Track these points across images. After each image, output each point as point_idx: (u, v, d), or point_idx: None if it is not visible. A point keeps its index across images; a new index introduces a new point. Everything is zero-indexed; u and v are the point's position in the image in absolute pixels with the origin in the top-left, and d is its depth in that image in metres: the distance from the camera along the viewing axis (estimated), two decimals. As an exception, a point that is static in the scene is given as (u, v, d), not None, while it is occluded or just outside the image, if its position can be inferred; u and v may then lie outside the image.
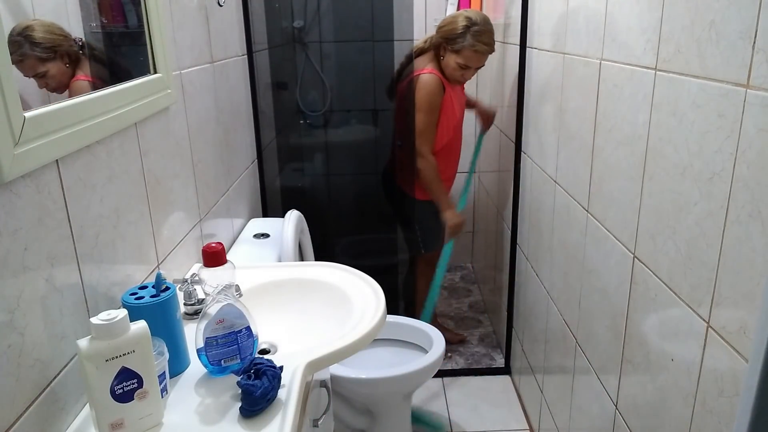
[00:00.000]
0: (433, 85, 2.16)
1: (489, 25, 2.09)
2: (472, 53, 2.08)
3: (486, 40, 2.08)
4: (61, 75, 0.88)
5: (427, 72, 2.17)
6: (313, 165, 2.99)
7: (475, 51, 2.08)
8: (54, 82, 0.85)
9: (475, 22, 2.05)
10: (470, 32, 2.05)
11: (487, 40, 2.09)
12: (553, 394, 1.81)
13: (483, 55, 2.11)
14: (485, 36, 2.07)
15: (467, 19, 2.06)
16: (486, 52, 2.11)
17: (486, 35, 2.08)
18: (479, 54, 2.10)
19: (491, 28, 2.09)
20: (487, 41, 2.09)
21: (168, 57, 1.25)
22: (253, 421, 0.88)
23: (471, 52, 2.08)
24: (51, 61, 0.85)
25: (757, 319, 0.75)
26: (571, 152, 1.57)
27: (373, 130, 2.95)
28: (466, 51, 2.07)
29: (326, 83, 2.84)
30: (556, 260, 1.75)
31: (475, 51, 2.07)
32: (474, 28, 2.06)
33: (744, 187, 0.81)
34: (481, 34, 2.06)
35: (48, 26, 0.86)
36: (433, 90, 2.16)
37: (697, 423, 0.95)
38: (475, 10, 2.19)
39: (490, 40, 2.09)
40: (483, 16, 2.09)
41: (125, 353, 0.81)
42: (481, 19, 2.07)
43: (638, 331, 1.17)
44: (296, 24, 2.76)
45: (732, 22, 0.83)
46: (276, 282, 1.36)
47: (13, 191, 0.75)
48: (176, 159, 1.34)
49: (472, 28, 2.05)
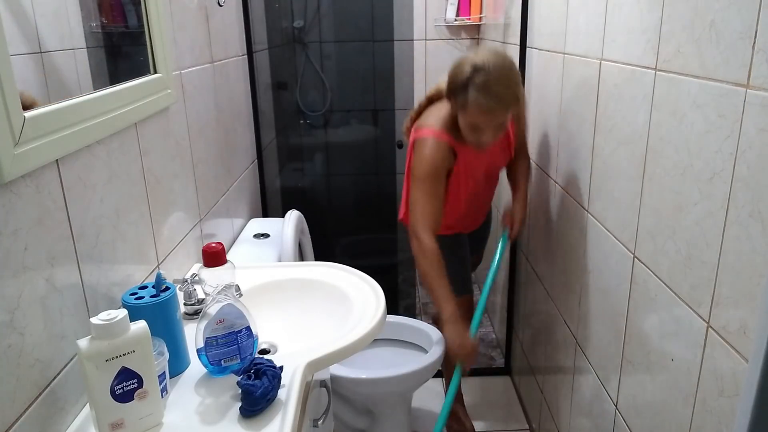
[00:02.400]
0: (433, 153, 1.60)
1: (504, 70, 1.48)
2: (478, 111, 1.48)
3: (496, 92, 1.46)
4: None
5: (432, 135, 1.61)
6: (313, 165, 2.99)
7: (482, 109, 1.48)
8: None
9: (481, 67, 1.46)
10: (474, 82, 1.46)
11: (499, 91, 1.46)
12: (553, 394, 1.81)
13: (494, 112, 1.49)
14: (495, 85, 1.46)
15: (472, 65, 1.47)
16: (496, 108, 1.48)
17: (497, 84, 1.46)
18: (487, 111, 1.48)
19: (509, 76, 1.48)
20: (499, 92, 1.46)
21: (168, 57, 1.25)
22: (253, 421, 0.88)
23: (477, 110, 1.48)
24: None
25: (757, 319, 0.75)
26: (571, 152, 1.57)
27: (373, 130, 2.96)
28: (471, 108, 1.49)
29: (326, 83, 2.84)
30: (556, 260, 1.75)
31: (481, 109, 1.48)
32: (479, 77, 1.45)
33: (744, 187, 0.81)
34: (488, 86, 1.45)
35: None
36: (432, 160, 1.60)
37: (697, 423, 0.95)
38: (492, 50, 1.53)
39: (502, 91, 1.47)
40: (497, 59, 1.48)
41: (125, 353, 0.81)
42: (492, 63, 1.46)
43: (638, 331, 1.17)
44: (296, 24, 2.76)
45: (732, 22, 0.83)
46: (276, 282, 1.36)
47: (13, 191, 0.75)
48: (176, 159, 1.34)
49: (476, 76, 1.46)
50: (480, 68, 1.46)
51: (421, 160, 1.61)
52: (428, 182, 1.61)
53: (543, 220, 1.88)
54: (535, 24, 1.93)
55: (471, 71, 1.47)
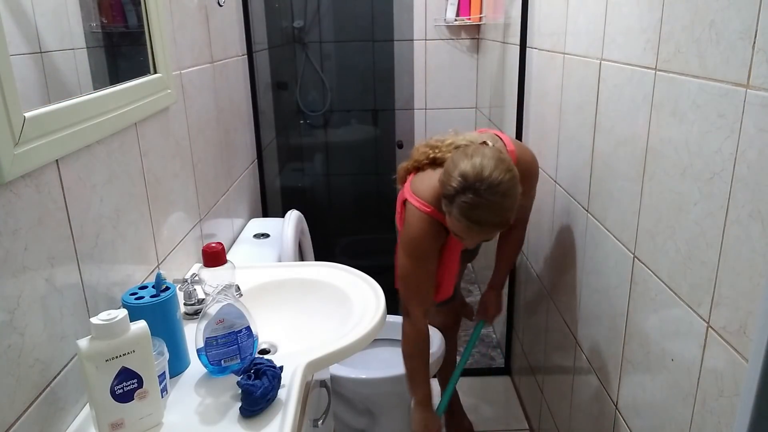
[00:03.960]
0: (425, 230, 1.42)
1: (497, 196, 1.25)
2: (460, 227, 1.32)
3: (480, 217, 1.27)
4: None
5: (423, 209, 1.41)
6: (313, 165, 2.99)
7: (463, 227, 1.31)
8: None
9: (470, 185, 1.24)
10: (457, 202, 1.27)
11: (483, 217, 1.28)
12: (553, 394, 1.81)
13: (477, 234, 1.34)
14: (481, 211, 1.26)
15: (461, 178, 1.25)
16: (479, 234, 1.33)
17: (483, 210, 1.26)
18: (470, 232, 1.32)
19: (498, 200, 1.26)
20: (483, 218, 1.28)
21: (168, 57, 1.25)
22: (253, 421, 0.88)
23: (458, 226, 1.32)
24: None
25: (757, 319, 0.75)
26: (571, 152, 1.57)
27: (373, 130, 2.96)
28: (452, 220, 1.32)
29: (326, 83, 2.84)
30: (556, 260, 1.75)
31: (462, 227, 1.31)
32: (463, 198, 1.25)
33: (744, 187, 0.81)
34: (472, 209, 1.26)
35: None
36: (424, 236, 1.43)
37: (697, 423, 0.95)
38: (493, 157, 1.27)
39: (488, 217, 1.28)
40: (495, 180, 1.25)
41: (125, 353, 0.81)
42: (484, 182, 1.24)
43: (638, 331, 1.17)
44: (296, 24, 2.76)
45: (732, 22, 0.83)
46: (276, 282, 1.36)
47: (13, 191, 0.75)
48: (176, 159, 1.34)
49: (461, 195, 1.26)
50: (470, 185, 1.25)
51: (412, 235, 1.45)
52: (421, 261, 1.47)
53: (543, 220, 1.88)
54: (535, 24, 1.93)
55: (459, 185, 1.26)
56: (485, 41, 2.83)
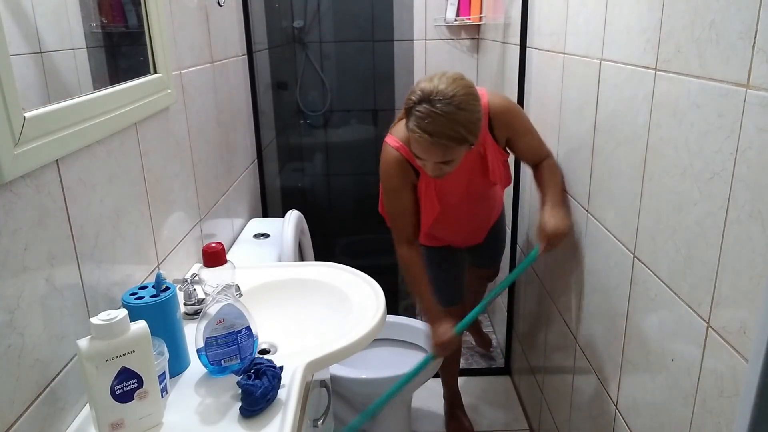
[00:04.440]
0: (390, 165, 1.53)
1: (450, 107, 1.30)
2: (414, 141, 1.37)
3: (431, 128, 1.31)
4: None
5: (392, 144, 1.53)
6: (313, 165, 2.99)
7: (416, 140, 1.36)
8: None
9: (427, 96, 1.31)
10: (414, 111, 1.33)
11: (434, 129, 1.31)
12: (553, 394, 1.82)
13: (432, 147, 1.35)
14: (432, 121, 1.30)
15: (420, 92, 1.33)
16: (432, 148, 1.35)
17: (434, 121, 1.30)
18: (421, 144, 1.36)
19: (453, 113, 1.31)
20: (433, 130, 1.31)
21: (168, 57, 1.25)
22: (253, 421, 0.88)
23: (413, 139, 1.37)
24: None
25: (757, 319, 0.75)
26: (571, 152, 1.57)
27: (373, 130, 2.95)
28: (410, 135, 1.37)
29: (326, 83, 2.84)
30: (556, 260, 1.75)
31: (416, 140, 1.36)
32: (420, 107, 1.32)
33: (744, 187, 0.81)
34: (426, 118, 1.31)
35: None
36: (390, 169, 1.53)
37: (697, 423, 0.95)
38: (454, 78, 1.35)
39: (439, 129, 1.31)
40: (452, 91, 1.32)
41: (125, 353, 0.81)
42: (442, 95, 1.31)
43: (638, 331, 1.17)
44: (296, 24, 2.76)
45: (732, 22, 0.83)
46: (276, 282, 1.36)
47: (13, 191, 0.75)
48: (176, 159, 1.34)
49: (418, 105, 1.32)
50: (426, 97, 1.32)
51: (383, 169, 1.56)
52: (392, 195, 1.58)
53: (543, 220, 1.88)
54: (535, 24, 1.93)
55: (418, 97, 1.33)
56: (485, 41, 2.83)
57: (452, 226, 1.74)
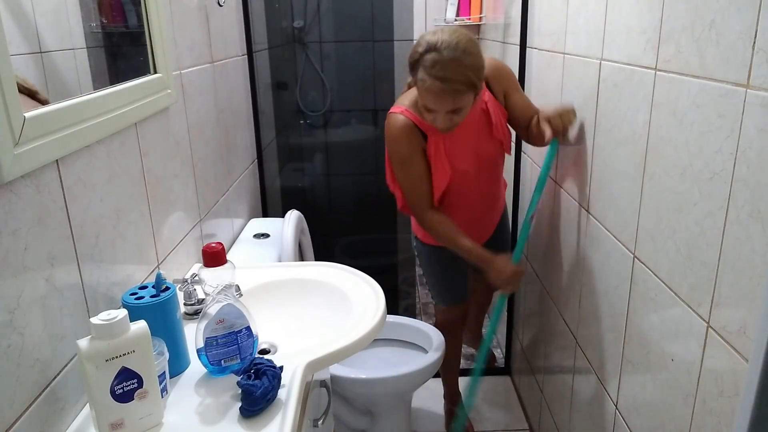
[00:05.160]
0: (397, 130, 1.58)
1: (457, 52, 1.39)
2: (424, 91, 1.43)
3: (442, 74, 1.38)
4: None
5: (397, 111, 1.59)
6: (313, 165, 2.99)
7: (427, 89, 1.42)
8: None
9: (433, 46, 1.40)
10: (423, 61, 1.41)
11: (445, 74, 1.38)
12: (553, 394, 1.82)
13: (442, 95, 1.41)
14: (443, 67, 1.38)
15: (426, 43, 1.42)
16: (443, 91, 1.40)
17: (445, 66, 1.38)
18: (433, 93, 1.42)
19: (460, 57, 1.39)
20: (445, 75, 1.38)
21: (168, 57, 1.25)
22: (253, 421, 0.88)
23: (423, 90, 1.44)
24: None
25: (757, 319, 0.75)
26: (571, 152, 1.57)
27: (373, 130, 2.96)
28: (420, 87, 1.44)
29: (326, 83, 2.84)
30: (556, 260, 1.75)
31: (426, 88, 1.42)
32: (428, 56, 1.40)
33: (744, 187, 0.81)
34: (435, 65, 1.38)
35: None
36: (398, 138, 1.58)
37: (697, 423, 0.95)
38: (455, 30, 1.44)
39: (450, 75, 1.39)
40: (455, 40, 1.40)
41: (125, 353, 0.81)
42: (447, 44, 1.39)
43: (638, 331, 1.17)
44: (296, 24, 2.76)
45: (732, 22, 0.83)
46: (276, 282, 1.36)
47: (13, 191, 0.75)
48: (176, 159, 1.34)
49: (426, 55, 1.40)
50: (433, 47, 1.40)
51: (388, 135, 1.61)
52: (404, 164, 1.60)
53: (543, 220, 1.88)
54: (535, 24, 1.93)
55: (424, 48, 1.41)
56: (485, 41, 2.83)
57: (464, 201, 1.71)
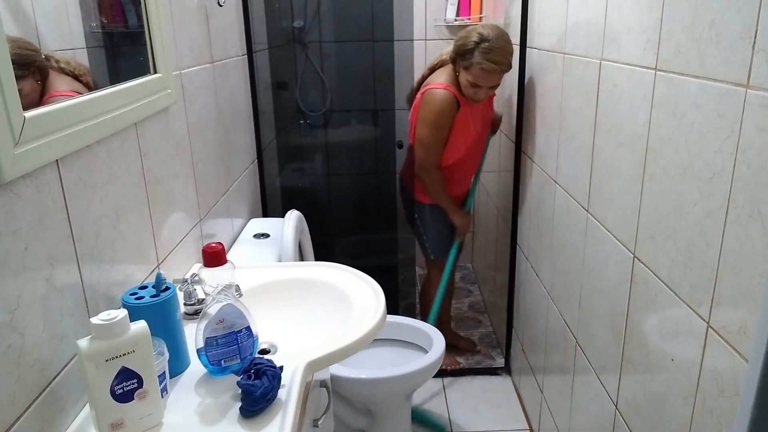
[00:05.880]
0: (443, 101, 2.05)
1: (502, 42, 1.92)
2: (480, 71, 1.93)
3: (495, 58, 1.91)
4: (33, 92, 0.81)
5: (440, 87, 2.06)
6: (313, 165, 2.99)
7: (482, 69, 1.93)
8: (26, 100, 0.77)
9: (486, 38, 1.91)
10: (479, 49, 1.91)
11: (497, 59, 1.92)
12: (553, 394, 1.82)
13: (492, 74, 1.96)
14: (495, 53, 1.91)
15: (479, 35, 1.92)
16: (495, 71, 1.94)
17: (496, 53, 1.91)
18: (487, 72, 1.94)
19: (504, 45, 1.93)
20: (497, 59, 1.92)
21: (168, 57, 1.25)
22: (253, 421, 0.88)
23: (479, 70, 1.93)
24: (23, 79, 0.77)
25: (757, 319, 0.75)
26: (571, 152, 1.57)
27: (373, 130, 2.96)
28: (474, 68, 1.94)
29: (326, 83, 2.84)
30: (556, 260, 1.75)
31: (482, 69, 1.93)
32: (483, 45, 1.91)
33: (744, 187, 0.81)
34: (489, 52, 1.90)
35: (18, 42, 0.78)
36: (442, 107, 2.06)
37: (697, 423, 0.95)
38: (493, 25, 1.97)
39: (500, 59, 1.92)
40: (498, 33, 1.93)
41: (125, 353, 0.81)
42: (494, 35, 1.91)
43: (638, 331, 1.17)
44: (296, 24, 2.76)
45: (732, 22, 0.83)
46: (276, 282, 1.36)
47: (13, 191, 0.75)
48: (176, 159, 1.34)
49: (481, 44, 1.91)
50: (485, 38, 1.92)
51: (431, 105, 2.05)
52: (437, 128, 2.06)
53: (543, 220, 1.88)
54: (535, 24, 1.93)
55: (478, 39, 1.92)
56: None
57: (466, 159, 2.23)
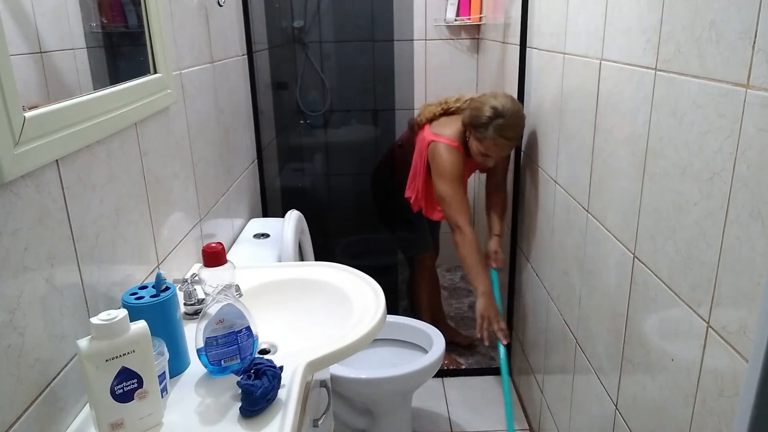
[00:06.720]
0: (456, 161, 2.06)
1: (516, 119, 1.92)
2: (493, 145, 1.95)
3: (509, 135, 1.93)
4: None
5: (452, 144, 2.05)
6: (313, 165, 2.99)
7: (496, 144, 1.95)
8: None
9: (501, 113, 1.89)
10: (493, 124, 1.90)
11: (511, 135, 1.94)
12: (553, 394, 1.82)
13: (504, 148, 1.99)
14: (509, 130, 1.92)
15: (493, 110, 1.90)
16: (508, 147, 1.99)
17: (510, 129, 1.92)
18: (500, 147, 1.97)
19: (518, 122, 1.94)
20: (511, 135, 1.94)
21: (168, 57, 1.25)
22: (253, 421, 0.88)
23: (492, 144, 1.94)
24: None
25: (757, 319, 0.75)
26: (571, 152, 1.57)
27: (373, 130, 2.96)
28: (487, 141, 1.94)
29: (326, 83, 2.84)
30: (556, 260, 1.75)
31: (495, 144, 1.94)
32: (497, 121, 1.89)
33: (744, 187, 0.81)
34: (504, 129, 1.90)
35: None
36: (454, 159, 2.06)
37: (697, 423, 0.95)
38: (509, 97, 1.94)
39: (514, 134, 1.95)
40: (513, 107, 1.91)
41: (125, 353, 0.81)
42: (509, 111, 1.90)
43: (638, 331, 1.17)
44: (296, 24, 2.76)
45: (732, 22, 0.83)
46: (276, 282, 1.36)
47: (13, 191, 0.75)
48: (176, 159, 1.34)
49: (495, 120, 1.89)
50: (500, 114, 1.90)
51: (447, 163, 2.04)
52: (456, 183, 2.05)
53: (543, 220, 1.88)
54: (535, 24, 1.93)
55: (492, 114, 1.90)
56: (485, 41, 2.83)
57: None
